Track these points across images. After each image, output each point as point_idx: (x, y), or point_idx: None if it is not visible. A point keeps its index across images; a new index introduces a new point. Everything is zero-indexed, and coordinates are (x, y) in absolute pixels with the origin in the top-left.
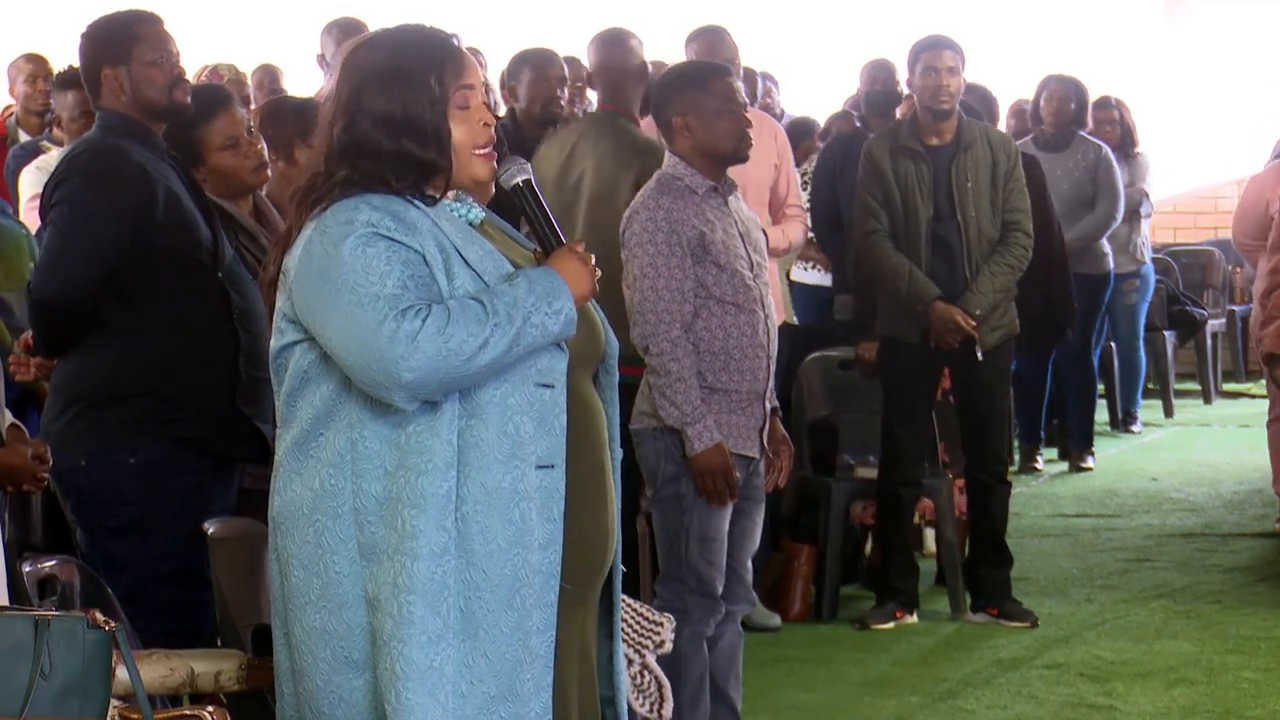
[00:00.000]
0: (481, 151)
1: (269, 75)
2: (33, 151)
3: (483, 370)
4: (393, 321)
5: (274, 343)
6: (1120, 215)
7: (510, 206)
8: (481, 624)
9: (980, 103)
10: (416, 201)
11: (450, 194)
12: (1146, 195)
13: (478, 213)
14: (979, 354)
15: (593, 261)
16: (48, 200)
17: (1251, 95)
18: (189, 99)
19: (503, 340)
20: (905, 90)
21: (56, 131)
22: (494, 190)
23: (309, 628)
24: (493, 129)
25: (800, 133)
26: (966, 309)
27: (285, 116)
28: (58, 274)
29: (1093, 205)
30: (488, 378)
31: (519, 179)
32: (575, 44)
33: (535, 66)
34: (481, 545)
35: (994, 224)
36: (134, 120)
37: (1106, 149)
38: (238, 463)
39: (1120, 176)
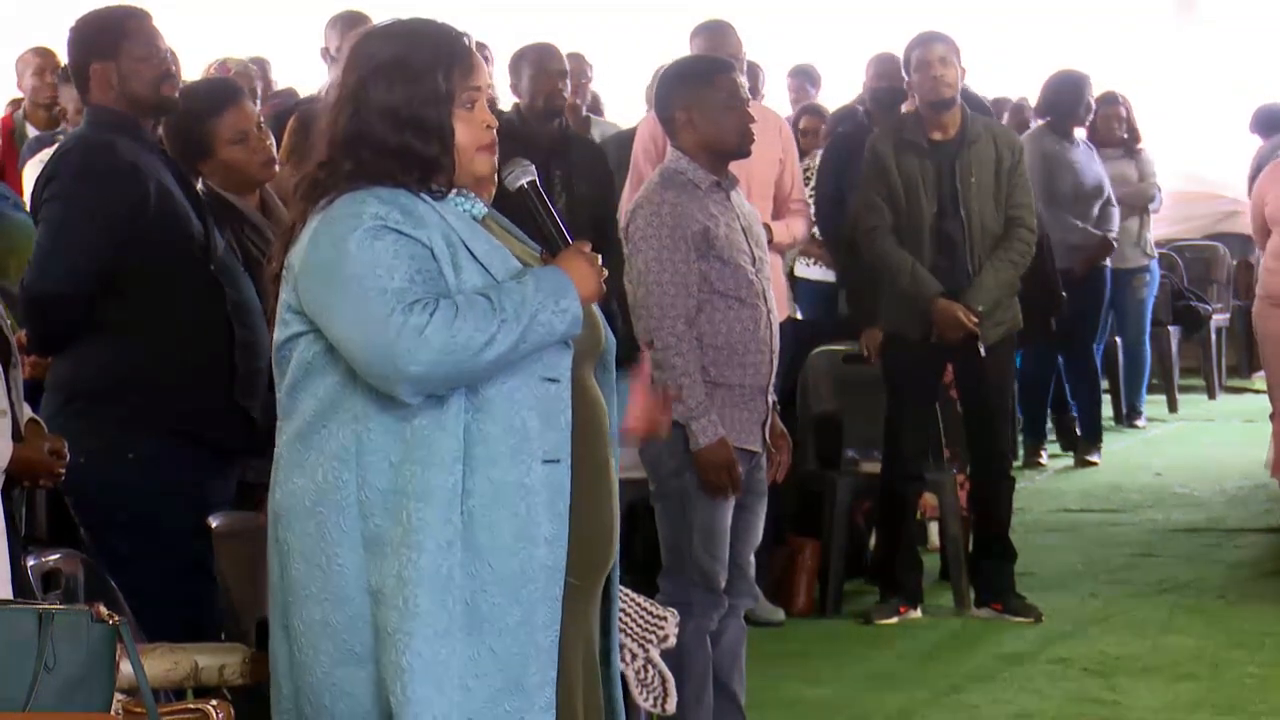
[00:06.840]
0: (484, 147)
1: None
2: (49, 145)
3: (489, 366)
4: (400, 315)
5: (277, 335)
6: (1117, 209)
7: (515, 206)
8: (487, 618)
9: (976, 107)
10: (423, 195)
11: (453, 190)
12: (1159, 189)
13: (481, 207)
14: (982, 350)
15: (599, 262)
16: (39, 197)
17: (1257, 91)
18: (177, 95)
19: (509, 337)
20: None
21: (67, 126)
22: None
23: (310, 621)
24: (494, 131)
25: None
26: (969, 304)
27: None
28: (51, 271)
29: (1097, 200)
30: (493, 374)
31: (524, 180)
32: (577, 41)
33: (535, 62)
34: (488, 540)
35: (997, 220)
36: (123, 114)
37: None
38: (237, 455)
39: (1130, 171)
